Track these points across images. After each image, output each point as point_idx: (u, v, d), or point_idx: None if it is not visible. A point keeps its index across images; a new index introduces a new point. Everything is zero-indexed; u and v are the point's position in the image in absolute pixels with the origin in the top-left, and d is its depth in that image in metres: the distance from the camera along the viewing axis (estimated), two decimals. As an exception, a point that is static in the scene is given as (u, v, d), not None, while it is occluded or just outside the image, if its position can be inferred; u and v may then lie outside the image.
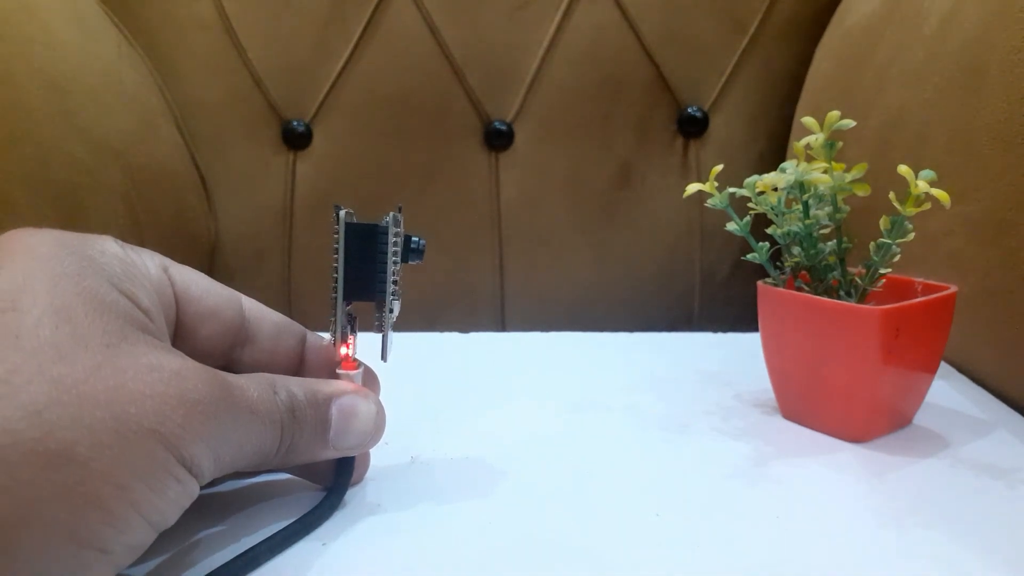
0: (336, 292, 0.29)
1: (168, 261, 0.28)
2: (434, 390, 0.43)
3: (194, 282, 0.28)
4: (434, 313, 0.68)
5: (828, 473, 0.33)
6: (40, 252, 0.23)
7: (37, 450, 0.19)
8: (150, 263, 0.26)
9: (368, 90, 0.66)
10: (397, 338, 0.31)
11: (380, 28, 0.65)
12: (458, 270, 0.68)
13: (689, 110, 0.67)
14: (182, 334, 0.28)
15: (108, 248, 0.25)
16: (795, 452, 0.35)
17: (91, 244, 0.24)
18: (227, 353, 0.29)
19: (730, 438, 0.37)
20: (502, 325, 0.69)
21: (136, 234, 0.57)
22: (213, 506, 0.29)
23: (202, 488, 0.23)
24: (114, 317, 0.22)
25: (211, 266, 0.67)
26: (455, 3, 0.65)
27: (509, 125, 0.67)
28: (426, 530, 0.28)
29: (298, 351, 0.31)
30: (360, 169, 0.67)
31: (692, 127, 0.67)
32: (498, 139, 0.67)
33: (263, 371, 0.27)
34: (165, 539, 0.26)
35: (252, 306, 0.30)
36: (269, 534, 0.27)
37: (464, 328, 0.56)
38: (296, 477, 0.32)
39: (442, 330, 0.55)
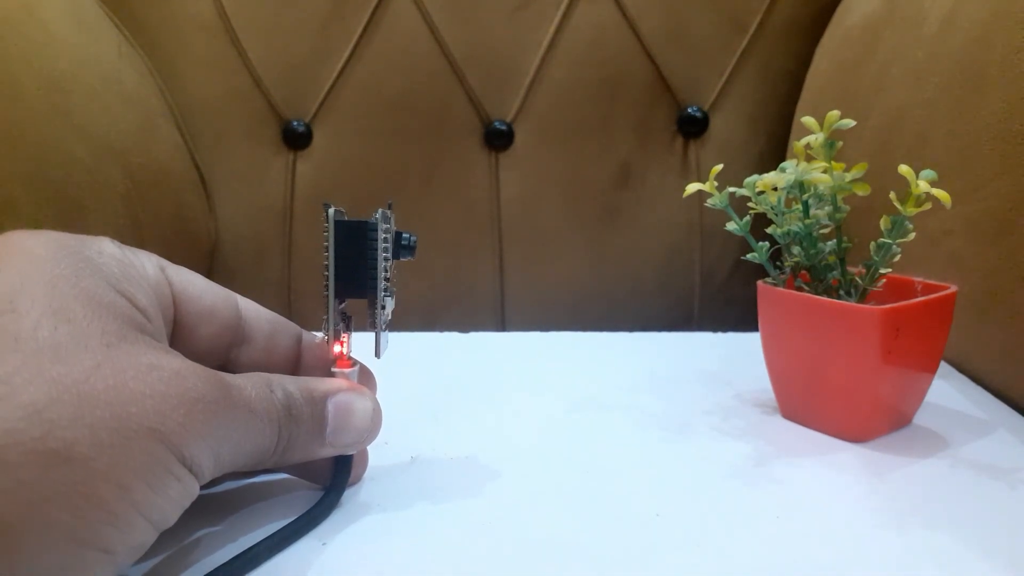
0: (328, 290, 0.29)
1: (165, 262, 0.28)
2: (434, 390, 0.43)
3: (191, 283, 0.28)
4: (434, 313, 0.68)
5: (828, 473, 0.33)
6: (38, 254, 0.23)
7: (37, 450, 0.19)
8: (148, 263, 0.26)
9: (368, 90, 0.66)
10: (397, 338, 0.31)
11: (380, 28, 0.65)
12: (458, 270, 0.68)
13: (689, 110, 0.67)
14: (180, 334, 0.28)
15: (106, 249, 0.25)
16: (795, 452, 0.35)
17: (89, 245, 0.24)
18: (224, 353, 0.29)
19: (730, 438, 0.37)
20: (502, 325, 0.69)
21: (136, 234, 0.57)
22: (212, 506, 0.29)
23: (202, 488, 0.23)
24: (112, 318, 0.22)
25: (211, 266, 0.67)
26: (455, 3, 0.65)
27: (509, 125, 0.67)
28: (426, 530, 0.28)
29: (294, 350, 0.31)
30: (360, 169, 0.67)
31: (692, 127, 0.67)
32: (498, 139, 0.67)
33: (260, 371, 0.27)
34: (164, 539, 0.26)
35: (248, 306, 0.30)
36: (268, 534, 0.27)
37: (464, 328, 0.56)
38: (294, 477, 0.32)
39: (442, 330, 0.55)
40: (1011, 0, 0.41)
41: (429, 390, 0.43)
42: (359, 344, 0.31)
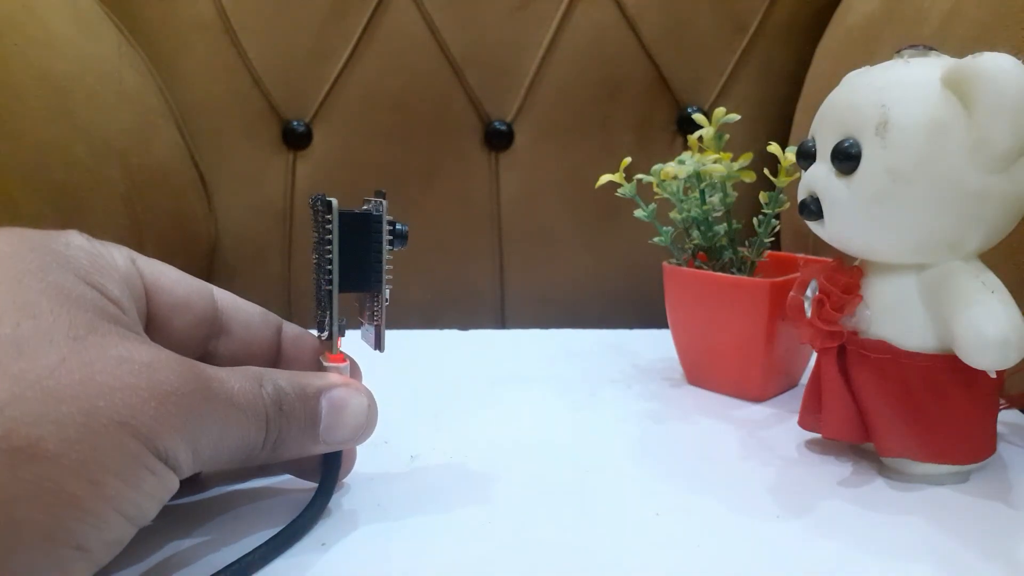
0: (331, 285, 0.29)
1: (135, 253, 0.27)
2: (434, 388, 0.43)
3: (163, 273, 0.28)
4: (434, 313, 0.68)
5: (826, 470, 0.33)
6: (2, 250, 0.22)
7: (1, 448, 0.18)
8: (117, 255, 0.26)
9: (368, 90, 0.66)
10: (396, 335, 0.31)
11: (380, 28, 0.65)
12: (458, 270, 0.68)
13: (689, 110, 0.67)
14: (154, 326, 0.27)
15: (73, 241, 0.24)
16: (790, 444, 0.35)
17: (56, 239, 0.24)
18: (202, 344, 0.29)
19: (735, 435, 0.37)
20: (502, 324, 0.69)
21: (136, 234, 0.57)
22: (202, 511, 0.29)
23: (194, 492, 0.23)
24: (82, 311, 0.22)
25: (211, 266, 0.67)
26: (455, 3, 0.65)
27: (509, 125, 0.67)
28: (426, 530, 0.28)
29: (274, 341, 0.31)
30: (360, 169, 0.67)
31: (692, 127, 0.67)
32: (498, 139, 0.67)
33: (240, 362, 0.26)
34: (153, 546, 0.26)
35: (225, 297, 0.30)
36: (260, 539, 0.26)
37: (464, 327, 0.56)
38: (290, 478, 0.31)
39: (442, 328, 0.55)
40: (1011, 0, 0.41)
41: (429, 389, 0.43)
42: (346, 339, 0.30)
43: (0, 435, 0.19)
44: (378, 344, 0.30)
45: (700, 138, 0.43)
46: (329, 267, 0.28)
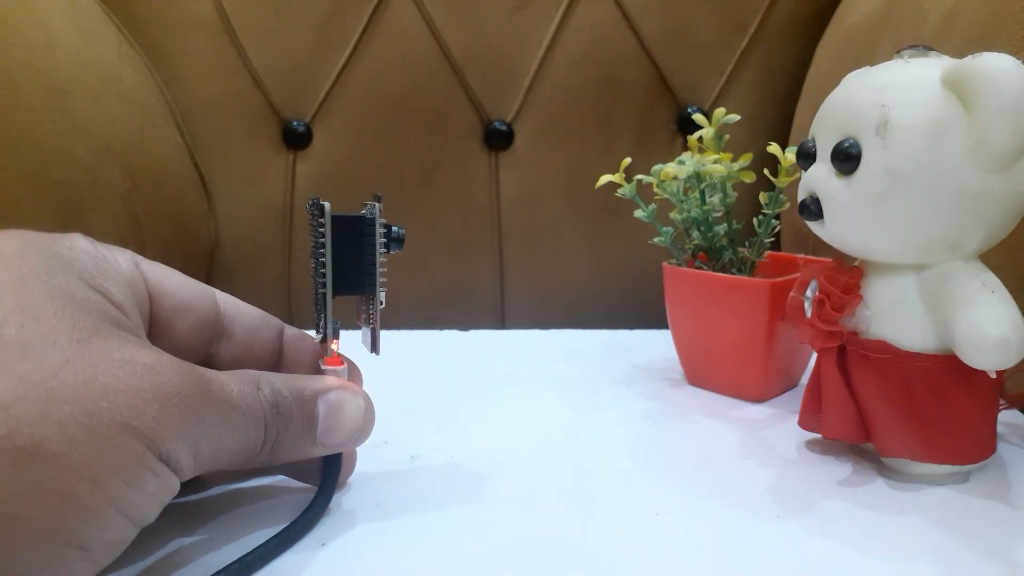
0: (325, 288, 0.29)
1: (139, 257, 0.27)
2: (434, 388, 0.43)
3: (166, 277, 0.28)
4: (434, 313, 0.68)
5: (826, 470, 0.33)
6: (5, 252, 0.22)
7: (4, 447, 0.18)
8: (121, 258, 0.26)
9: (368, 90, 0.66)
10: (396, 336, 0.31)
11: (380, 28, 0.65)
12: (458, 270, 0.68)
13: (689, 110, 0.67)
14: (157, 330, 0.27)
15: (77, 244, 0.24)
16: (790, 444, 0.35)
17: (60, 241, 0.24)
18: (205, 348, 0.29)
19: (735, 435, 0.37)
20: (502, 325, 0.69)
21: (136, 234, 0.57)
22: (203, 510, 0.29)
23: (194, 492, 0.23)
24: (85, 313, 0.22)
25: (211, 266, 0.67)
26: (455, 3, 0.65)
27: (509, 125, 0.67)
28: (426, 530, 0.28)
29: (276, 345, 0.31)
30: (360, 169, 0.67)
31: (692, 127, 0.67)
32: (498, 139, 0.67)
33: (242, 365, 0.27)
34: (154, 544, 0.26)
35: (227, 300, 0.30)
36: (259, 539, 0.26)
37: (464, 327, 0.56)
38: (286, 479, 0.31)
39: (442, 329, 0.55)
40: (1011, 0, 0.41)
41: (429, 389, 0.43)
42: (344, 340, 0.31)
43: (3, 434, 0.19)
44: (374, 347, 0.30)
45: (700, 138, 0.43)
46: (323, 270, 0.29)
